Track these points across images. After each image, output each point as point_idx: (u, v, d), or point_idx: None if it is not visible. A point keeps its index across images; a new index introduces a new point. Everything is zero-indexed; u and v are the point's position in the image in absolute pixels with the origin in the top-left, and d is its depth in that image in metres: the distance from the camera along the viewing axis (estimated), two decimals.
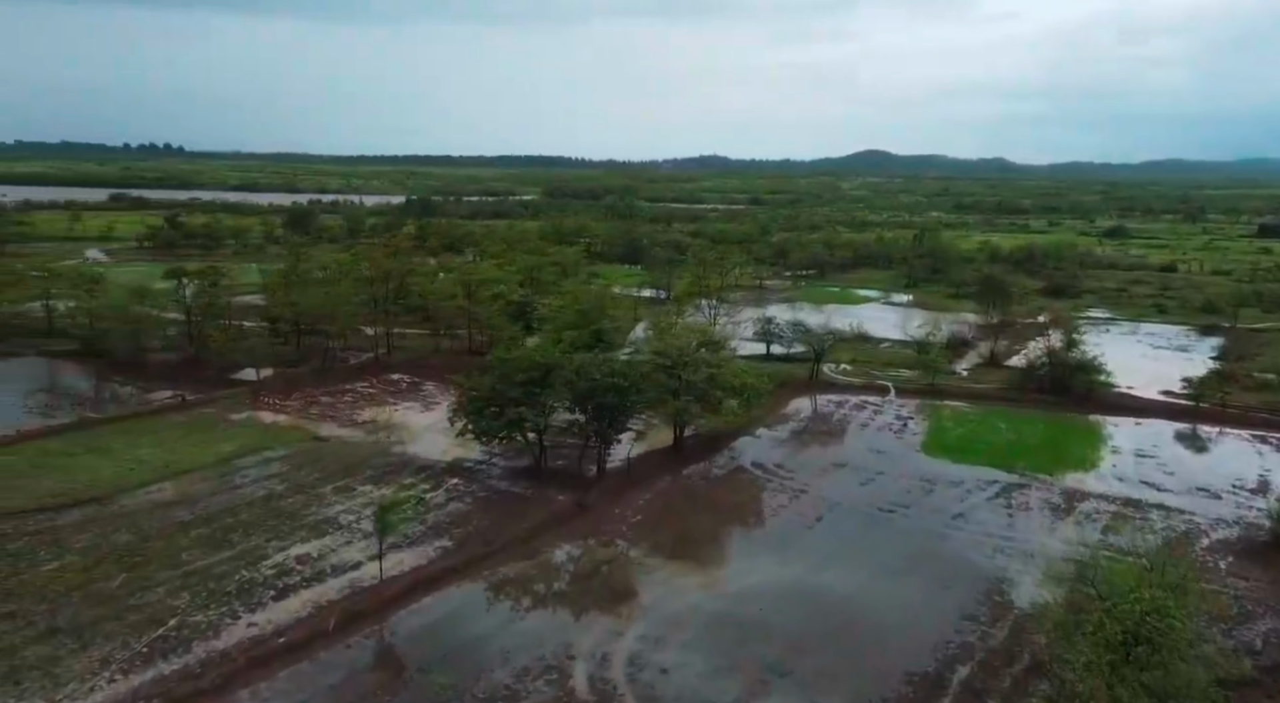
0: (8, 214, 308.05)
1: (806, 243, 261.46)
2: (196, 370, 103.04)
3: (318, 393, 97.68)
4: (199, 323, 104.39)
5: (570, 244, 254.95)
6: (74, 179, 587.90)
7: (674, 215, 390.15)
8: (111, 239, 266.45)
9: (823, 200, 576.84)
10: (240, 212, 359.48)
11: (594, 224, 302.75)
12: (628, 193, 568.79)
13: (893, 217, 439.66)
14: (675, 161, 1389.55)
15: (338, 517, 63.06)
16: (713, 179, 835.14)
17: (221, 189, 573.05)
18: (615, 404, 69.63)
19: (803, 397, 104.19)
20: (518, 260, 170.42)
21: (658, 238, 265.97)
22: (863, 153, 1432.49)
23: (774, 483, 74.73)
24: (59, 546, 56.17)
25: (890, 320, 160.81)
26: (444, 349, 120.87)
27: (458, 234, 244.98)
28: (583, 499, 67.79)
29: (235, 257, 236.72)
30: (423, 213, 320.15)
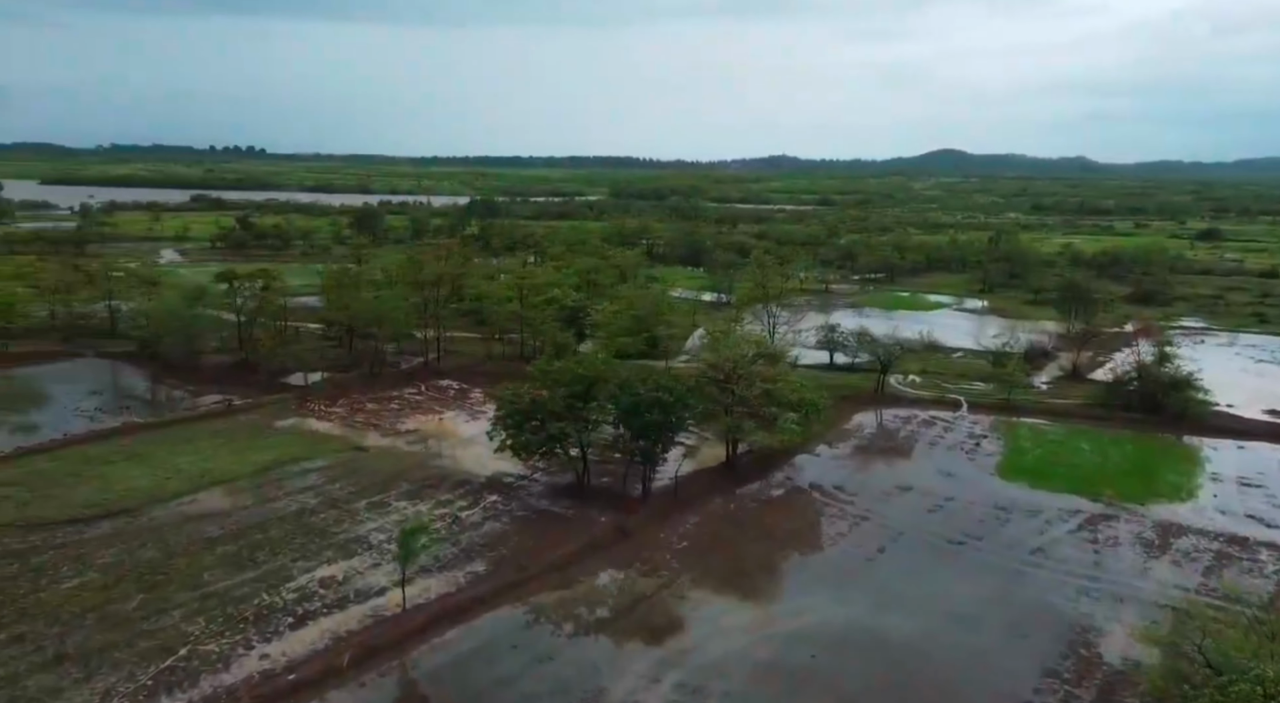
0: (93, 215, 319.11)
1: (875, 245, 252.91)
2: (247, 374, 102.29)
3: (364, 399, 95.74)
4: (249, 326, 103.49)
5: (632, 246, 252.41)
6: (162, 181, 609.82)
7: (740, 216, 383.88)
8: (187, 240, 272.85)
9: (894, 201, 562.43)
10: (311, 213, 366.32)
11: (656, 225, 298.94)
12: (693, 193, 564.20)
13: (967, 218, 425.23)
14: (744, 162, 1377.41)
15: (368, 536, 60.19)
16: (781, 179, 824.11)
17: (298, 190, 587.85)
18: (660, 421, 65.24)
19: (867, 411, 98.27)
20: (575, 263, 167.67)
21: (721, 240, 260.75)
22: (936, 152, 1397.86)
23: (833, 507, 69.45)
24: (83, 561, 54.44)
25: (963, 328, 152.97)
26: (497, 355, 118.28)
27: (519, 235, 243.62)
28: (625, 523, 63.66)
29: (302, 257, 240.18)
30: (486, 214, 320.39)
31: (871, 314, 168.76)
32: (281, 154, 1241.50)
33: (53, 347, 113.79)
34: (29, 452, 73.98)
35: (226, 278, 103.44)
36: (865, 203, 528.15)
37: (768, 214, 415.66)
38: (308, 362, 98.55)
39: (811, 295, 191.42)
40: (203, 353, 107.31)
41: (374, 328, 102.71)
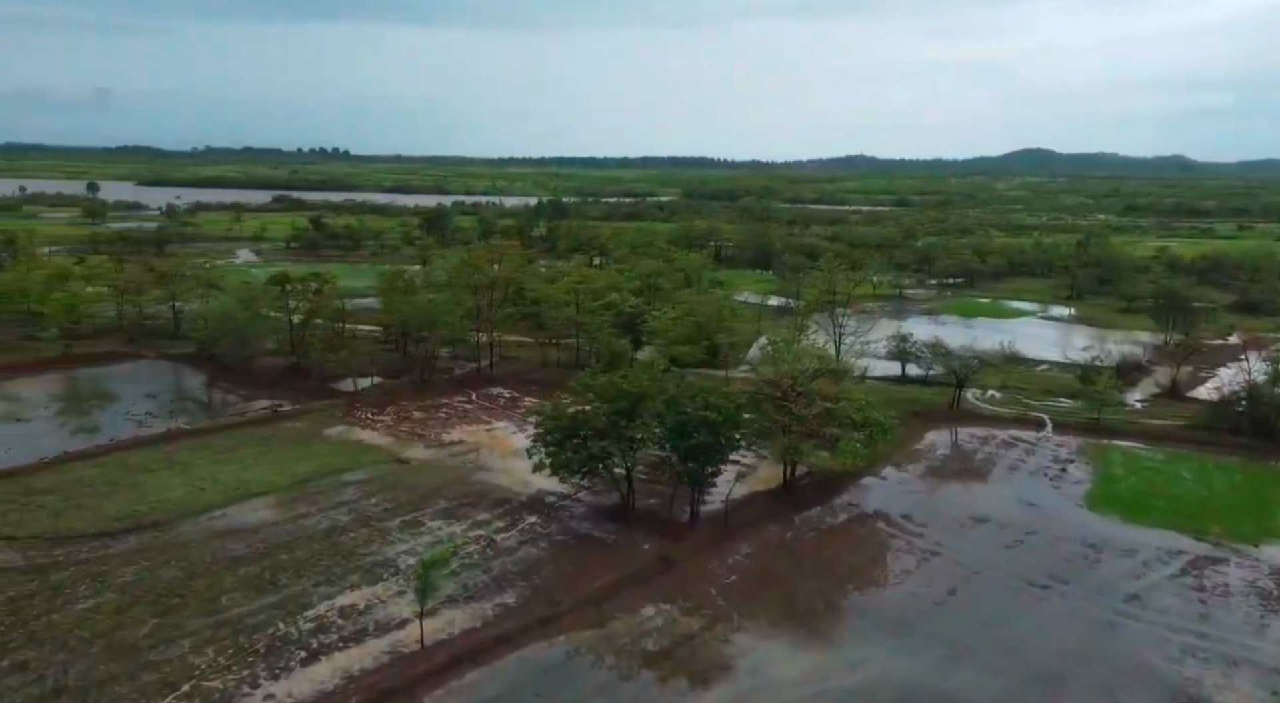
0: (178, 215, 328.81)
1: (954, 248, 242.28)
2: (299, 379, 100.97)
3: (413, 407, 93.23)
4: (300, 330, 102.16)
5: (699, 248, 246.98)
6: (247, 182, 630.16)
7: (813, 218, 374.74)
8: (264, 240, 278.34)
9: (975, 202, 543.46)
10: (386, 213, 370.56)
11: (725, 227, 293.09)
12: (766, 194, 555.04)
13: (1054, 219, 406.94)
14: (819, 162, 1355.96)
15: (397, 559, 56.91)
16: (857, 180, 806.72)
17: (376, 191, 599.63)
18: (708, 442, 60.34)
19: (940, 429, 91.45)
20: (639, 266, 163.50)
21: (791, 242, 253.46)
22: (1021, 151, 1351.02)
23: (900, 540, 63.51)
24: (102, 580, 52.42)
25: (1048, 338, 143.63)
26: (551, 361, 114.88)
27: (585, 237, 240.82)
28: (670, 551, 59.00)
29: (372, 258, 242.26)
30: (554, 215, 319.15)
31: (948, 322, 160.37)
32: (363, 156, 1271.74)
33: (117, 347, 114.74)
34: (73, 458, 73.11)
35: (279, 281, 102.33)
36: (945, 204, 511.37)
37: (841, 215, 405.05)
38: (356, 367, 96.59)
39: (884, 301, 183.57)
40: (256, 356, 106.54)
41: (425, 332, 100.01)
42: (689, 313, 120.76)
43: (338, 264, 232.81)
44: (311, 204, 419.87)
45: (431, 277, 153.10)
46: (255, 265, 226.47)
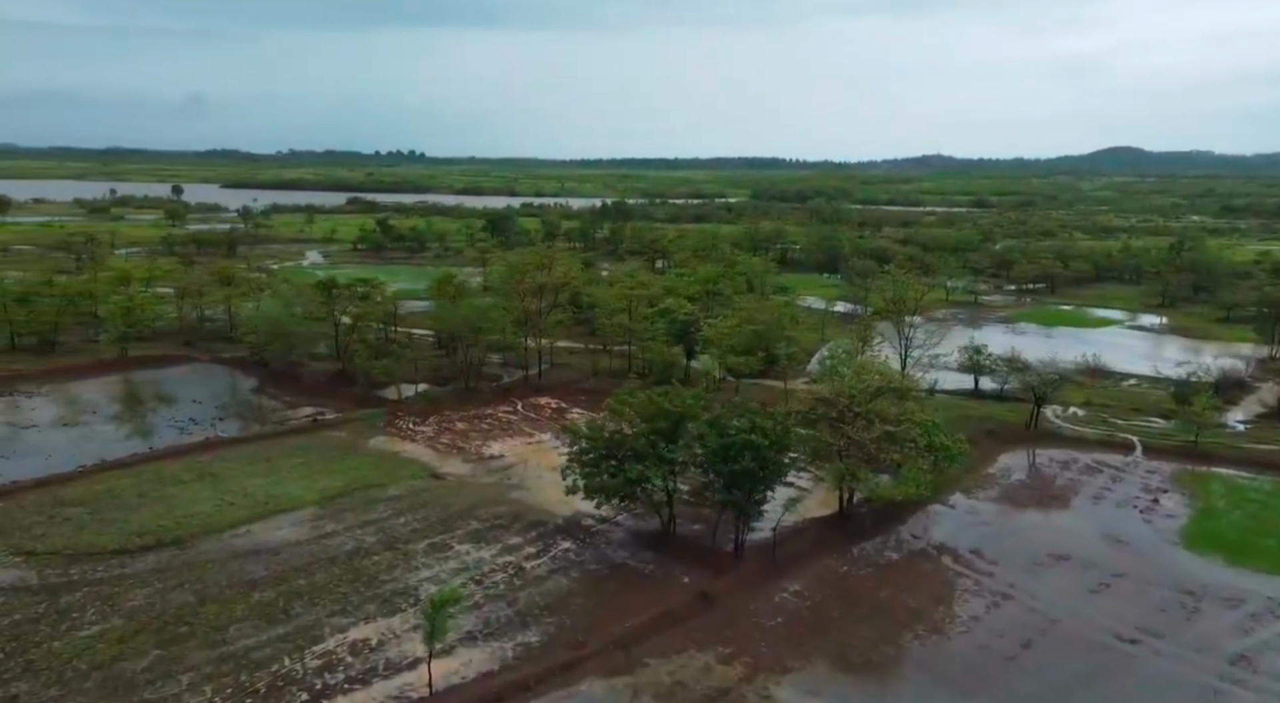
0: (253, 217, 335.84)
1: (1035, 252, 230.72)
2: (345, 385, 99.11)
3: (456, 417, 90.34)
4: (346, 336, 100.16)
5: (764, 251, 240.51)
6: (325, 184, 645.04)
7: (884, 219, 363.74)
8: (333, 242, 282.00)
9: (1058, 203, 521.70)
10: (453, 215, 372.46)
11: (792, 229, 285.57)
12: (837, 195, 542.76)
13: (1143, 221, 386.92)
14: (894, 162, 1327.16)
15: (418, 587, 53.49)
16: (933, 180, 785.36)
17: (448, 193, 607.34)
18: (754, 469, 55.35)
19: (1016, 450, 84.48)
20: (700, 270, 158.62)
21: (860, 244, 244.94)
22: (1109, 150, 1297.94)
23: (967, 579, 57.51)
24: (111, 603, 50.21)
25: (1137, 350, 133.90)
26: (602, 370, 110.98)
27: (647, 239, 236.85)
28: (710, 587, 54.26)
29: (435, 260, 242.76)
30: (617, 217, 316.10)
31: (1026, 331, 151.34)
32: (439, 158, 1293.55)
33: (173, 351, 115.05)
34: (109, 467, 71.99)
35: (326, 286, 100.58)
36: (1026, 205, 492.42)
37: (915, 217, 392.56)
38: (400, 374, 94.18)
39: (958, 308, 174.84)
40: (304, 362, 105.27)
41: (471, 339, 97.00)
42: (747, 321, 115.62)
43: (402, 266, 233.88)
44: (382, 206, 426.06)
45: (490, 280, 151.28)
46: (321, 267, 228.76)
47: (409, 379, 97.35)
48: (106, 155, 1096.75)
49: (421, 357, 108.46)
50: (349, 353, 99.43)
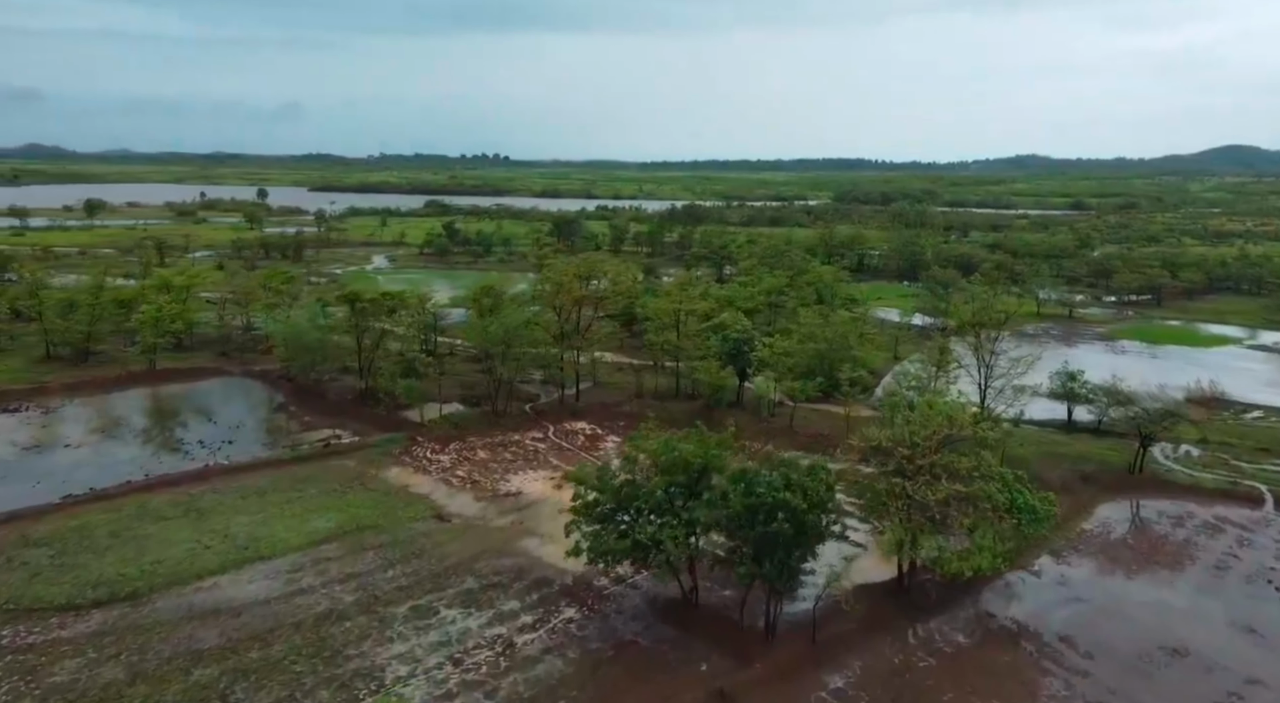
0: (327, 221, 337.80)
1: (1138, 259, 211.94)
2: (369, 405, 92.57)
3: (480, 443, 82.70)
4: (371, 353, 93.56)
5: (839, 257, 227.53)
6: (408, 187, 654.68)
7: (973, 222, 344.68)
8: (402, 245, 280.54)
9: (1164, 205, 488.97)
10: (527, 219, 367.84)
11: (871, 233, 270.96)
12: (924, 197, 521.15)
13: (1260, 224, 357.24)
14: (985, 162, 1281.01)
15: (386, 667, 45.50)
16: (1026, 181, 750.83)
17: (526, 195, 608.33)
18: (788, 534, 45.48)
19: (1118, 500, 72.15)
20: (765, 280, 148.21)
21: (945, 251, 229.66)
22: (1220, 149, 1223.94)
23: (1056, 678, 46.47)
24: (32, 678, 43.65)
25: (1261, 375, 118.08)
26: (649, 390, 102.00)
27: (716, 244, 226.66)
28: (730, 684, 44.67)
29: (499, 264, 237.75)
30: (688, 220, 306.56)
31: (1129, 351, 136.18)
32: (522, 160, 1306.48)
33: (205, 363, 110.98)
34: (88, 500, 66.48)
35: (350, 299, 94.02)
36: (1128, 207, 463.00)
37: (1006, 220, 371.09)
38: (423, 395, 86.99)
39: (1051, 322, 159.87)
40: (333, 378, 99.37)
41: (501, 357, 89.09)
42: (808, 338, 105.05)
43: (465, 271, 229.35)
44: (456, 209, 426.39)
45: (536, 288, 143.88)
46: (383, 272, 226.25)
47: (438, 398, 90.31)
48: (209, 160, 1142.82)
49: (458, 372, 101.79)
50: (373, 371, 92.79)
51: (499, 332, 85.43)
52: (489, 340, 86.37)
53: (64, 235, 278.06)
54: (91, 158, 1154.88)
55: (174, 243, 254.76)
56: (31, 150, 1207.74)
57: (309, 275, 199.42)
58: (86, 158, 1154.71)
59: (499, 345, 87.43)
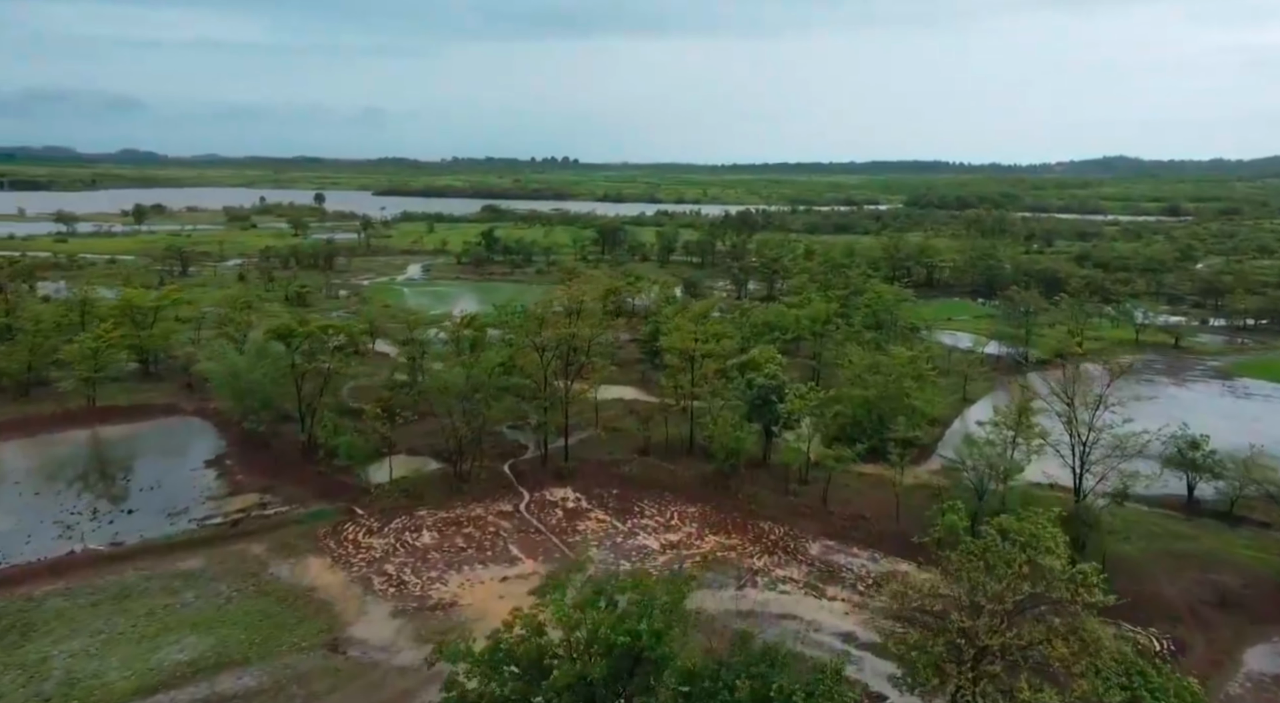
0: (373, 227, 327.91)
1: (1251, 274, 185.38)
2: (312, 461, 76.98)
3: (430, 519, 66.57)
4: (314, 399, 77.70)
5: (904, 272, 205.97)
6: (471, 191, 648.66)
7: (1058, 230, 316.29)
8: (444, 253, 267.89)
9: (1270, 210, 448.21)
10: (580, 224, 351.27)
11: (941, 243, 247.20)
12: (1004, 200, 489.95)
13: None
14: (1070, 164, 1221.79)
15: None
16: (1115, 184, 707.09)
17: (590, 199, 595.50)
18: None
19: (1273, 638, 51.95)
20: (813, 304, 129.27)
21: (1025, 264, 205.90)
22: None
23: None
24: None
25: None
26: (658, 442, 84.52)
27: (769, 256, 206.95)
28: None
29: (537, 276, 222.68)
30: (742, 228, 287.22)
31: (1253, 392, 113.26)
32: (592, 164, 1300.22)
33: (157, 398, 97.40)
34: None
35: (282, 335, 77.77)
36: (1231, 213, 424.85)
37: (1094, 227, 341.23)
38: (366, 453, 71.06)
39: (1153, 352, 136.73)
40: (272, 429, 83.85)
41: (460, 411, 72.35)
42: (855, 382, 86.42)
43: (501, 283, 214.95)
44: (511, 214, 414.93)
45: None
46: (414, 283, 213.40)
47: (396, 453, 74.55)
48: (289, 164, 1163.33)
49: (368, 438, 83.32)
50: (316, 421, 77.31)
51: (459, 381, 68.85)
52: (445, 392, 69.92)
53: (105, 242, 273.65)
54: (180, 162, 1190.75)
55: (207, 251, 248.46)
56: (125, 155, 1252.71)
57: (332, 288, 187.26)
58: (175, 162, 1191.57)
59: (456, 399, 70.86)
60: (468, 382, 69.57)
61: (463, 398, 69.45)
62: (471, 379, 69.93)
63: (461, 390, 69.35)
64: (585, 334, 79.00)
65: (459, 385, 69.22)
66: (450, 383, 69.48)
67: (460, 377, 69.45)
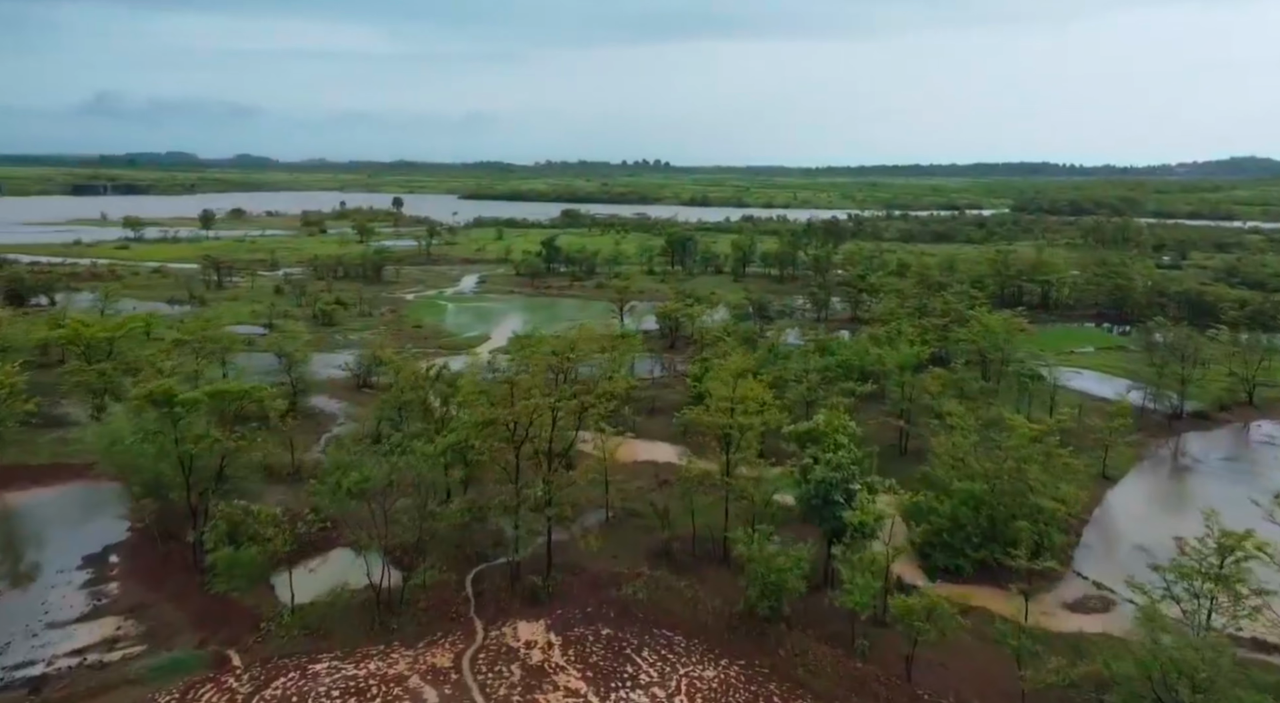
0: (440, 234, 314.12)
1: None
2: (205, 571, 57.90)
3: (327, 678, 46.45)
4: (209, 487, 57.46)
5: (1016, 292, 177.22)
6: (556, 195, 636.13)
7: (1189, 239, 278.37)
8: (507, 262, 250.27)
9: None
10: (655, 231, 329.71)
11: (1057, 254, 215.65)
12: (1124, 206, 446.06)
13: None
14: (1194, 166, 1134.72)
15: None
16: (1250, 187, 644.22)
17: (675, 203, 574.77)
18: None
19: None
20: (900, 335, 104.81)
21: (1162, 282, 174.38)
22: None
23: None
24: None
25: None
26: (676, 538, 62.44)
27: (856, 272, 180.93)
28: None
29: (596, 289, 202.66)
30: (828, 237, 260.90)
31: None
32: (682, 166, 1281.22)
33: (73, 457, 79.71)
34: None
35: (160, 399, 55.42)
36: None
37: (1233, 236, 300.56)
38: (258, 571, 51.29)
39: None
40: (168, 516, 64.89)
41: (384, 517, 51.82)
42: (957, 467, 62.76)
43: (557, 298, 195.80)
44: (587, 219, 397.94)
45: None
46: (462, 298, 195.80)
47: (337, 543, 54.84)
48: (390, 168, 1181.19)
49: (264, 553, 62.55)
50: (206, 517, 57.69)
51: (356, 482, 48.20)
52: (337, 501, 49.25)
53: (167, 249, 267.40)
54: (289, 167, 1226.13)
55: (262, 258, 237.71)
56: (241, 160, 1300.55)
57: (365, 303, 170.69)
58: (284, 167, 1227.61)
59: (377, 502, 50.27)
60: (394, 480, 48.70)
61: (385, 502, 48.85)
62: (396, 475, 48.99)
63: (363, 490, 48.46)
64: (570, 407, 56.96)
65: (355, 486, 48.13)
66: (346, 484, 48.35)
67: (382, 473, 48.69)
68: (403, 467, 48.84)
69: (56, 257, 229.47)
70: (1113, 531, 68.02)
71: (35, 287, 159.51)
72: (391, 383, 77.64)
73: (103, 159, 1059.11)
